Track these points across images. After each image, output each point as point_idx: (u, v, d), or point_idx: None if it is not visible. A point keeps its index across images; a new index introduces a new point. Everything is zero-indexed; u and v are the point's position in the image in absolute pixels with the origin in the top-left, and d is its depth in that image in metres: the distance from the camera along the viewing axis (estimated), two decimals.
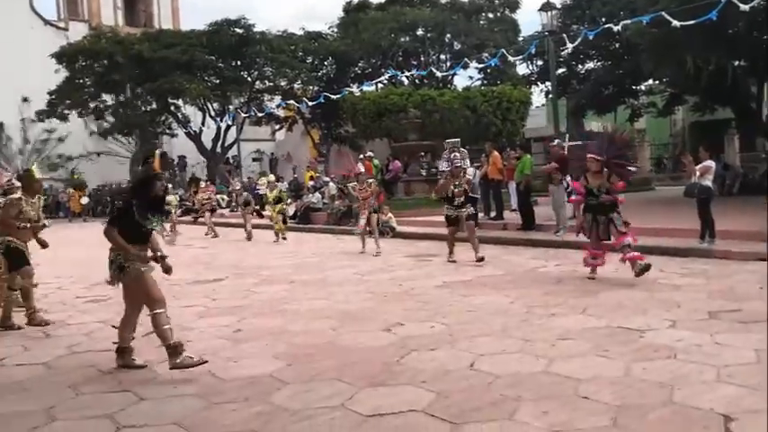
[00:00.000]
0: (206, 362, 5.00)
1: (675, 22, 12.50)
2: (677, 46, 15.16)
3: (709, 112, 22.30)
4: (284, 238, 15.26)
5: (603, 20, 17.23)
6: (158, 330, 4.99)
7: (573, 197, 9.55)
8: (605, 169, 8.19)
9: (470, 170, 15.66)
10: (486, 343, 5.55)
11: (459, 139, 11.79)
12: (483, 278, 9.01)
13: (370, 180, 13.20)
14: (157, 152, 5.19)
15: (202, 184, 20.21)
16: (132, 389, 4.69)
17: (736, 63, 16.30)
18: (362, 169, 13.48)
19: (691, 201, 10.60)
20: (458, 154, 10.56)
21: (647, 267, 7.86)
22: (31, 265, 6.99)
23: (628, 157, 9.01)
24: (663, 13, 12.59)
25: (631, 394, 4.17)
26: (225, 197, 27.66)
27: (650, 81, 22.55)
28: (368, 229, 12.51)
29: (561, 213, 12.94)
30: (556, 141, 14.05)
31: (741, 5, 11.48)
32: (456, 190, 10.34)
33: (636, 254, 8.06)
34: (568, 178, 13.19)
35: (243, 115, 34.35)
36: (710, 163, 10.33)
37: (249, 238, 16.26)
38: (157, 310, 5.00)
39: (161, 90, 32.34)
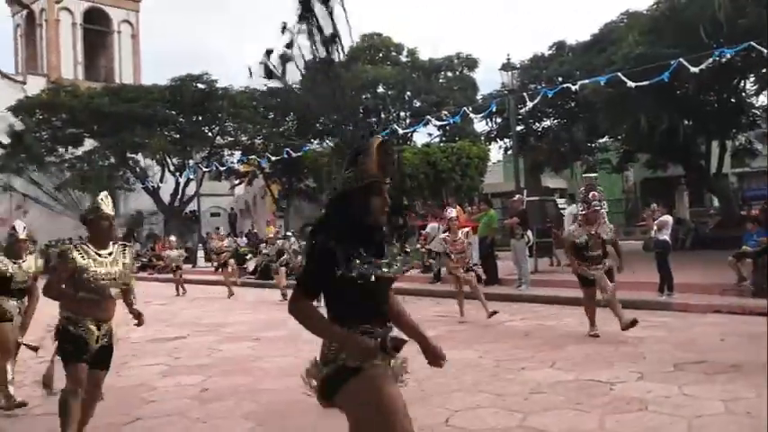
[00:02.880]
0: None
1: (630, 83, 13.04)
2: (632, 105, 15.79)
3: (660, 169, 23.09)
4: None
5: (561, 79, 17.84)
6: None
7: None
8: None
9: (433, 225, 15.90)
10: (460, 398, 5.53)
11: (597, 175, 10.39)
12: (451, 332, 9.00)
13: (466, 230, 10.82)
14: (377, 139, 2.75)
15: (172, 239, 19.87)
16: None
17: (686, 122, 17.03)
18: (454, 214, 11.17)
19: (647, 254, 10.89)
20: (596, 194, 8.37)
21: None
22: None
23: None
24: (619, 73, 13.15)
25: None
26: (183, 253, 27.24)
27: (605, 138, 23.30)
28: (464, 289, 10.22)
29: (523, 267, 13.10)
30: (516, 197, 14.33)
31: (691, 68, 12.08)
32: (590, 241, 8.11)
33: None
34: (529, 232, 13.45)
35: (203, 170, 34.18)
36: (668, 218, 10.67)
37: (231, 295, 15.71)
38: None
39: (120, 144, 32.03)
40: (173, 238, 20.35)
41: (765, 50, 12.11)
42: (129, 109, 31.56)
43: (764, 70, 16.51)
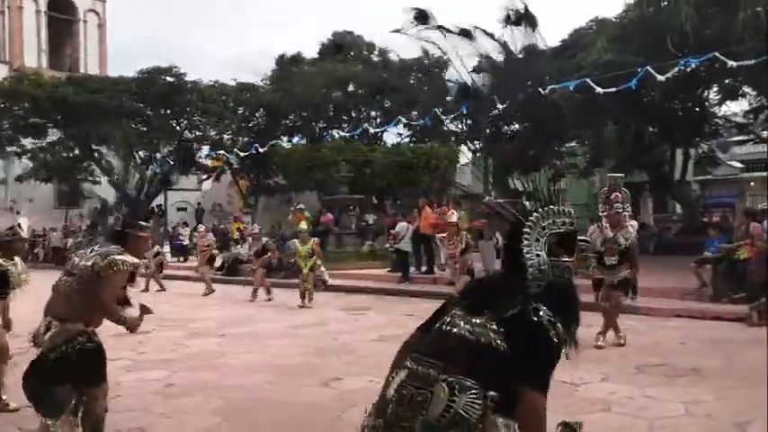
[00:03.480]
0: None
1: (599, 89, 13.25)
2: (599, 111, 16.04)
3: (626, 175, 23.45)
4: (310, 302, 11.95)
5: (530, 83, 18.03)
6: None
7: None
8: None
9: (402, 224, 15.95)
10: None
11: (623, 174, 9.90)
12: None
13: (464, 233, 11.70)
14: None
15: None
16: None
17: (652, 129, 17.34)
18: (454, 218, 12.15)
19: None
20: (619, 194, 8.00)
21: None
22: None
23: None
24: (587, 79, 13.34)
25: None
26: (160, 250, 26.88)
27: (573, 143, 23.61)
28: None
29: (491, 268, 13.17)
30: (486, 198, 14.43)
31: (658, 76, 12.31)
32: (608, 246, 7.61)
33: None
34: (498, 234, 13.55)
35: (170, 164, 33.75)
36: (634, 223, 10.83)
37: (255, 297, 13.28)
38: None
39: (85, 136, 31.43)
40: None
41: (729, 61, 12.41)
42: (94, 100, 30.96)
43: (727, 81, 16.93)
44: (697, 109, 19.13)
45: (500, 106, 15.50)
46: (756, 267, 9.15)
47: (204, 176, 39.88)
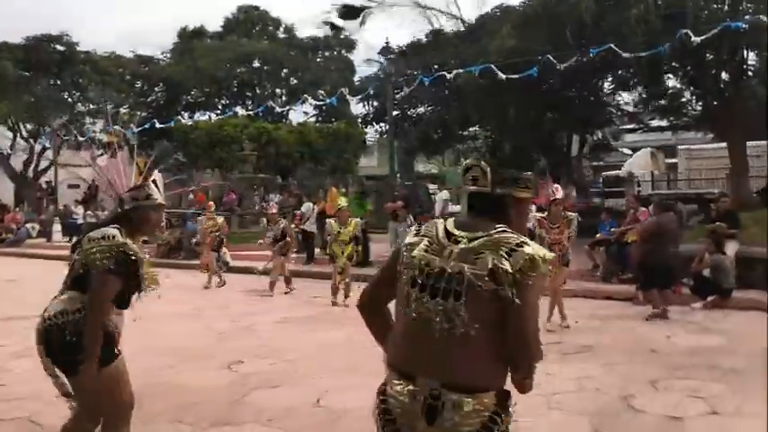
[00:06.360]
0: None
1: (501, 75, 13.56)
2: (501, 96, 16.43)
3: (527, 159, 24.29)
4: (346, 299, 9.63)
5: (436, 66, 18.22)
6: None
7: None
8: None
9: (307, 204, 15.81)
10: (331, 379, 5.54)
11: None
12: (323, 314, 9.00)
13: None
14: None
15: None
16: None
17: (550, 115, 17.98)
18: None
19: None
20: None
21: None
22: None
23: None
24: (492, 65, 13.63)
25: None
26: (36, 225, 25.46)
27: (476, 127, 24.13)
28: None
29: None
30: (398, 181, 14.65)
31: (558, 64, 12.74)
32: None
33: None
34: (410, 217, 13.76)
35: (61, 138, 31.92)
36: (532, 206, 11.21)
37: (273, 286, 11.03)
38: None
39: None
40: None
41: (622, 53, 13.00)
42: None
43: (620, 72, 17.75)
44: (592, 98, 19.96)
45: (406, 89, 15.60)
46: (636, 250, 9.61)
47: (99, 152, 38.03)
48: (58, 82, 32.27)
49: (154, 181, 3.48)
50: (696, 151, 22.39)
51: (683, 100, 18.02)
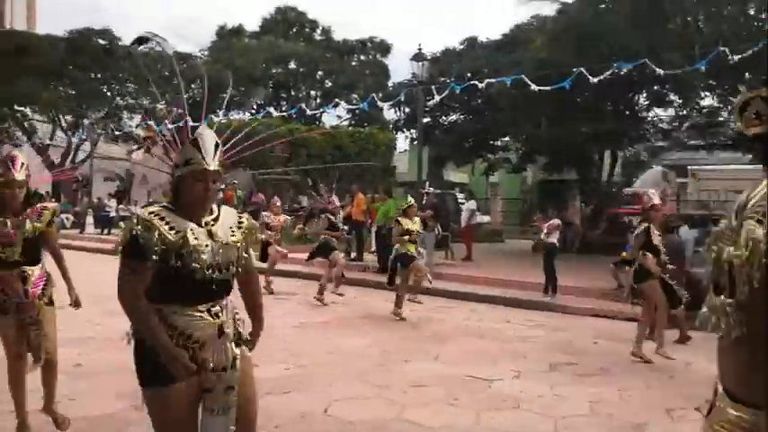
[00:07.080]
0: None
1: (534, 87, 13.44)
2: (533, 108, 16.28)
3: (556, 172, 24.01)
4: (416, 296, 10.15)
5: (469, 75, 18.14)
6: None
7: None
8: None
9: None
10: (342, 387, 5.55)
11: None
12: (341, 320, 9.03)
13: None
14: None
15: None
16: None
17: (583, 130, 17.74)
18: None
19: (536, 255, 11.35)
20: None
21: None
22: None
23: None
24: (523, 76, 13.52)
25: None
26: (70, 216, 25.97)
27: (507, 138, 23.96)
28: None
29: (429, 259, 13.21)
30: (430, 189, 14.70)
31: (591, 78, 12.59)
32: None
33: None
34: (438, 225, 13.76)
35: (99, 131, 32.53)
36: (558, 221, 11.11)
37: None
38: None
39: (7, 95, 29.90)
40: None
41: (657, 69, 12.80)
42: (19, 58, 29.46)
43: (656, 87, 17.49)
44: (627, 112, 19.68)
45: (437, 97, 15.56)
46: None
47: (134, 147, 38.67)
48: (98, 75, 32.87)
49: (195, 141, 2.74)
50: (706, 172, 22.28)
51: (721, 119, 17.70)
